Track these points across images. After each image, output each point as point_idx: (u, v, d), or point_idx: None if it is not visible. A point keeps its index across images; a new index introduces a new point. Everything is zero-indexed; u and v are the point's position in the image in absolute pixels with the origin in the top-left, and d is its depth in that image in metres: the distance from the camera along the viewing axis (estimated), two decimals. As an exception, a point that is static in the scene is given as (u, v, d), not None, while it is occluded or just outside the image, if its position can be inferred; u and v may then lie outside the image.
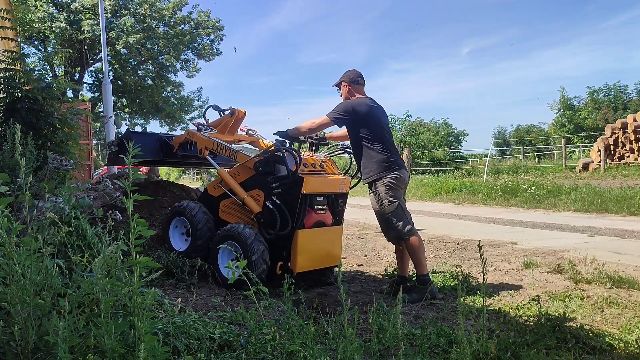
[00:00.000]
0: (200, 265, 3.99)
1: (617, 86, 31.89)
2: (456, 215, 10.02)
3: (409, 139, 25.39)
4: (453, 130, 28.93)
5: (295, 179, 3.86)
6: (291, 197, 3.91)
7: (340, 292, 2.15)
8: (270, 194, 3.96)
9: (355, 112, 3.98)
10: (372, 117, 4.02)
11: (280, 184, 3.92)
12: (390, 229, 3.98)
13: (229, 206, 4.31)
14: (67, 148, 4.71)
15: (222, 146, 4.49)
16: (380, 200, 3.94)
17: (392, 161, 3.96)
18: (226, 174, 4.30)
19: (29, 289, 1.78)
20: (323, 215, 4.20)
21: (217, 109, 5.01)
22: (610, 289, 3.90)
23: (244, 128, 5.09)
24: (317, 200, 4.13)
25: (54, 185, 3.23)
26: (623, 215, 8.73)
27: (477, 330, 2.55)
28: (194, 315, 2.55)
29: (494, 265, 5.01)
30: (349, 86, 4.17)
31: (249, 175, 4.17)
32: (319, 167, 4.20)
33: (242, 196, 4.11)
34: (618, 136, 17.02)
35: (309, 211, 4.05)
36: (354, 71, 4.21)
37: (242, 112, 4.90)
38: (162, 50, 23.54)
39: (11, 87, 4.52)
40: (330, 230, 4.26)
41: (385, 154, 3.96)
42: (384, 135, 4.04)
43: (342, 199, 4.41)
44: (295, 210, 3.91)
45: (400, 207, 3.93)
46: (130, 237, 1.78)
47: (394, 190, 3.92)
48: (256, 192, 4.09)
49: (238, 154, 4.34)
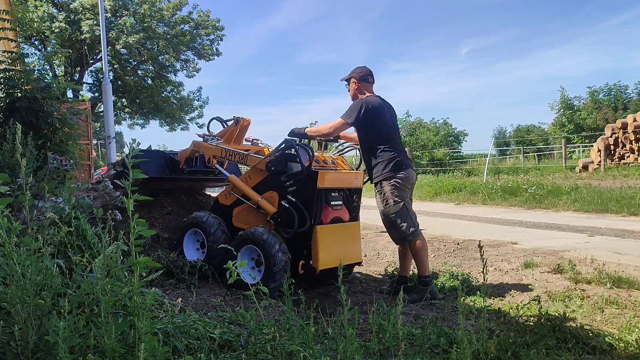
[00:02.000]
0: (201, 265, 3.99)
1: (617, 86, 31.89)
2: (456, 215, 10.02)
3: (409, 139, 25.38)
4: (453, 130, 28.92)
5: (310, 173, 3.81)
6: (307, 193, 3.85)
7: (341, 292, 2.15)
8: (285, 193, 3.92)
9: (367, 111, 3.91)
10: (383, 116, 3.98)
11: (295, 181, 3.87)
12: (394, 230, 3.95)
13: (242, 212, 4.25)
14: (67, 148, 4.71)
15: (231, 152, 4.45)
16: (386, 200, 3.91)
17: (399, 161, 3.92)
18: (237, 180, 4.25)
19: (29, 289, 1.78)
20: (339, 211, 4.15)
21: (220, 120, 5.00)
22: (610, 289, 3.90)
23: (248, 138, 5.06)
24: (333, 196, 4.09)
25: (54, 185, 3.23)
26: (623, 215, 8.74)
27: (477, 330, 2.55)
28: (194, 315, 2.55)
29: (494, 265, 5.01)
30: (358, 83, 4.11)
31: (261, 177, 4.12)
32: (330, 163, 4.19)
33: (256, 199, 4.05)
34: (618, 136, 17.02)
35: (326, 207, 4.01)
36: (365, 68, 4.15)
37: (246, 120, 4.84)
38: (162, 50, 23.53)
39: (11, 87, 4.52)
40: (348, 226, 4.22)
41: (393, 153, 3.93)
42: (392, 135, 4.01)
43: (356, 194, 4.37)
44: (312, 206, 3.85)
45: (405, 207, 3.89)
46: (130, 237, 1.78)
47: (400, 190, 3.89)
48: (270, 194, 4.03)
49: (248, 157, 4.29)
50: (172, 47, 23.39)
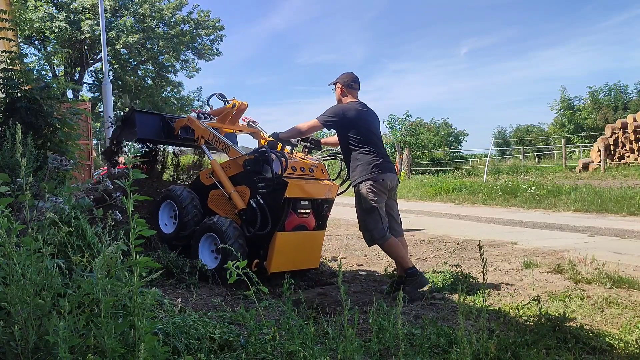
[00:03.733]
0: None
1: (618, 86, 31.91)
2: (456, 215, 10.02)
3: (409, 139, 25.37)
4: (453, 130, 28.93)
5: (280, 182, 3.94)
6: (274, 199, 4.00)
7: (341, 292, 2.15)
8: (255, 193, 4.06)
9: (344, 115, 4.07)
10: (361, 121, 4.10)
11: (265, 185, 3.99)
12: (365, 232, 4.08)
13: (217, 197, 4.40)
14: (66, 148, 4.72)
15: (217, 139, 4.58)
16: (360, 203, 4.02)
17: (378, 164, 4.00)
18: (217, 166, 4.39)
19: (29, 289, 1.78)
20: (305, 219, 4.27)
21: (223, 97, 5.09)
22: (610, 289, 3.90)
23: (246, 119, 5.22)
24: (301, 204, 4.20)
25: (54, 185, 3.23)
26: (623, 215, 8.73)
27: (477, 330, 2.55)
28: (194, 315, 2.54)
29: (494, 265, 5.01)
30: (342, 88, 4.26)
31: (238, 170, 4.26)
32: (308, 171, 4.27)
33: (229, 190, 4.21)
34: (618, 136, 17.03)
35: (291, 214, 4.13)
36: (351, 75, 4.29)
37: (243, 104, 5.01)
38: (162, 50, 23.55)
39: (10, 87, 4.53)
40: (310, 234, 4.35)
41: (372, 157, 4.02)
42: (372, 139, 4.10)
43: (327, 204, 4.49)
44: (277, 212, 4.00)
45: (378, 212, 3.96)
46: (130, 237, 1.78)
47: (375, 194, 3.96)
48: (243, 188, 4.18)
49: (230, 149, 4.43)
50: (172, 47, 23.41)
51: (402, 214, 4.42)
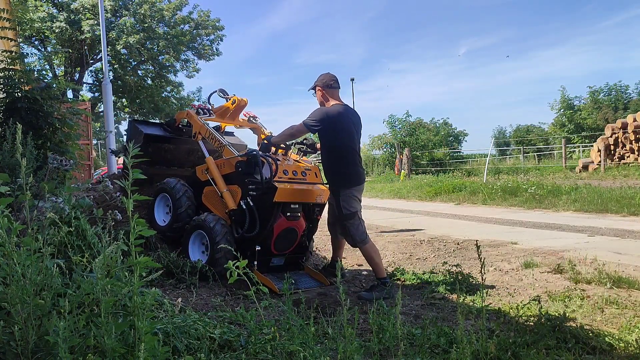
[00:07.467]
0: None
1: (618, 86, 31.87)
2: (456, 215, 10.01)
3: (409, 139, 25.36)
4: (453, 130, 28.93)
5: (269, 186, 3.97)
6: (263, 202, 4.04)
7: (340, 292, 2.15)
8: (246, 194, 4.10)
9: (328, 119, 4.08)
10: (343, 126, 4.13)
11: (255, 187, 4.04)
12: (347, 236, 4.21)
13: (211, 194, 4.45)
14: (67, 148, 4.73)
15: (213, 136, 4.60)
16: (340, 210, 4.11)
17: (354, 174, 4.13)
18: (212, 163, 4.42)
19: (29, 289, 1.78)
20: (294, 222, 4.29)
21: (224, 94, 5.13)
22: (610, 289, 3.90)
23: (247, 114, 5.26)
24: (291, 207, 4.23)
25: (54, 185, 3.24)
26: (623, 215, 8.73)
27: (477, 330, 2.55)
28: (194, 315, 2.54)
29: (494, 265, 5.01)
30: (322, 90, 4.25)
31: (232, 170, 4.29)
32: (300, 175, 4.29)
33: (221, 189, 4.26)
34: (618, 136, 17.01)
35: (280, 217, 4.15)
36: (328, 75, 4.30)
37: (243, 101, 5.06)
38: (162, 50, 23.54)
39: (11, 87, 4.53)
40: None
41: (351, 166, 4.12)
42: (351, 145, 4.17)
43: (319, 208, 4.52)
44: (266, 215, 4.04)
45: (357, 216, 4.11)
46: (130, 237, 1.78)
47: (356, 201, 4.11)
48: (235, 188, 4.23)
49: (225, 149, 4.45)
50: (172, 47, 23.40)
51: (402, 214, 4.46)
